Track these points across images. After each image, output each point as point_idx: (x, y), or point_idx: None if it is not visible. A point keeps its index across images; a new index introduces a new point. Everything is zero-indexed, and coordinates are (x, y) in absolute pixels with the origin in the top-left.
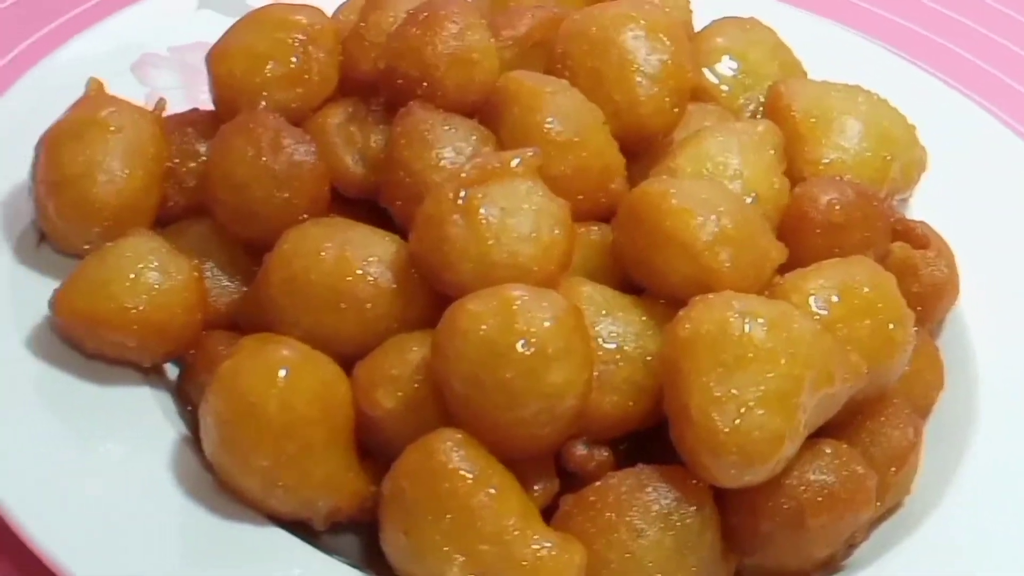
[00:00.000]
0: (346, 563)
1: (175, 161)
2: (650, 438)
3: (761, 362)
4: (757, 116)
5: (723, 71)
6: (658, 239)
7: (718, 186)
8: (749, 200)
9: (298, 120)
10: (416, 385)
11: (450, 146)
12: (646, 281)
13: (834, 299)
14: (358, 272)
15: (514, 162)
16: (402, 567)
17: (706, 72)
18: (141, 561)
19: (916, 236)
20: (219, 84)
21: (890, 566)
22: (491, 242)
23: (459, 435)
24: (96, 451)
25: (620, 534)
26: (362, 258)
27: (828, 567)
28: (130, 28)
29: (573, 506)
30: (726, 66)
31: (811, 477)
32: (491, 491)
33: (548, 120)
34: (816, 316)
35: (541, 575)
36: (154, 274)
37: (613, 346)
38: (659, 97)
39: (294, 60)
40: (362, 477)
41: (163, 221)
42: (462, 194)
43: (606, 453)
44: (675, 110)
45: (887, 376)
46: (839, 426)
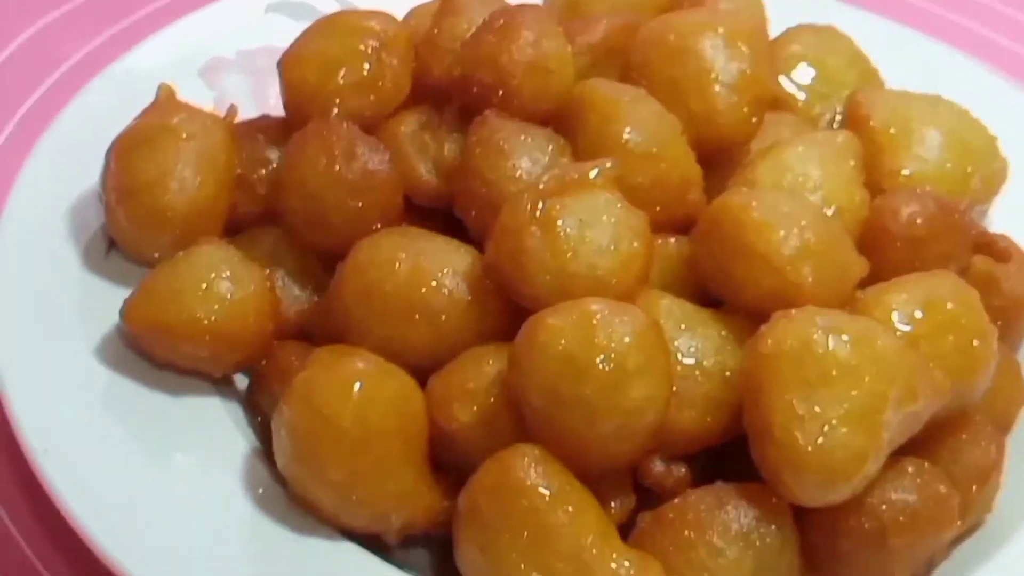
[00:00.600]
0: None
1: (246, 168)
2: (728, 454)
3: (845, 379)
4: (834, 126)
5: (800, 79)
6: (739, 252)
7: (799, 198)
8: (830, 212)
9: (370, 128)
10: (492, 399)
11: (526, 156)
12: (725, 294)
13: (917, 314)
14: (432, 283)
15: (592, 173)
16: None
17: (782, 80)
18: (211, 572)
19: (997, 249)
20: (291, 91)
21: None
22: (569, 255)
23: (537, 451)
24: (166, 462)
25: (699, 553)
26: (437, 269)
27: None
28: (198, 31)
29: (651, 524)
30: (803, 74)
31: (893, 496)
32: (569, 508)
33: (626, 130)
34: (899, 332)
35: None
36: (226, 283)
37: (692, 361)
38: (738, 107)
39: (367, 67)
40: (436, 491)
41: (233, 229)
42: (540, 206)
43: (684, 470)
44: (753, 120)
45: (970, 393)
46: (919, 443)
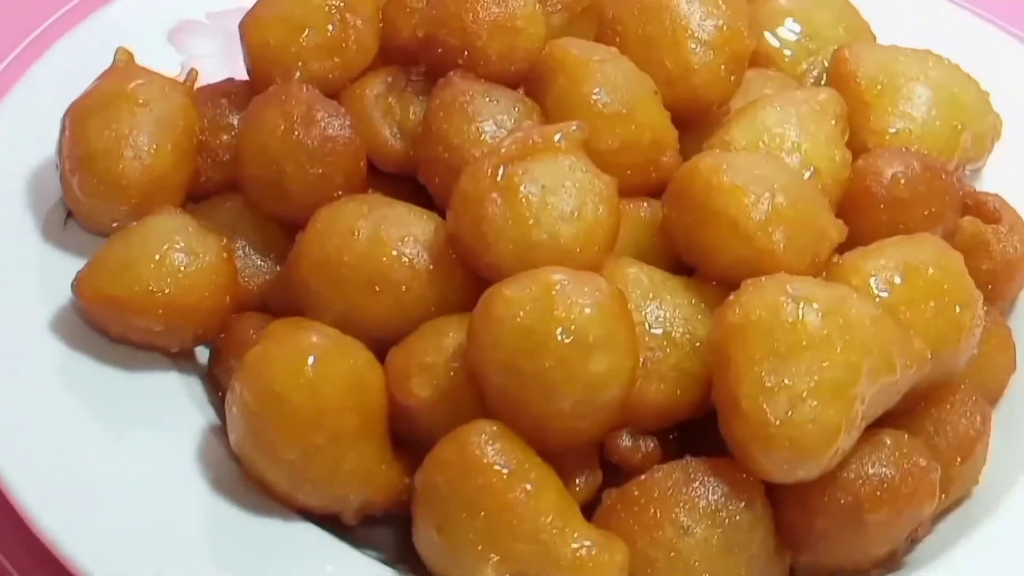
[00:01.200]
0: (380, 559)
1: (208, 135)
2: (701, 429)
3: (815, 350)
4: (821, 83)
5: (786, 35)
6: (708, 218)
7: (774, 160)
8: (807, 175)
9: (335, 92)
10: (452, 373)
11: (491, 119)
12: (696, 262)
13: (896, 280)
14: (393, 253)
15: (557, 136)
16: (435, 565)
17: (767, 36)
18: (161, 556)
19: (987, 210)
20: (253, 54)
21: (955, 561)
22: (531, 222)
23: (495, 427)
24: (119, 439)
25: (665, 531)
26: (398, 238)
27: (888, 564)
28: None
29: (616, 501)
30: (789, 29)
31: (869, 470)
32: (528, 487)
33: (595, 91)
34: (877, 299)
35: (580, 575)
36: (180, 255)
37: (660, 331)
38: (714, 64)
39: (331, 28)
40: (395, 469)
41: (196, 197)
42: (501, 171)
43: (652, 444)
44: (731, 78)
45: (953, 362)
46: (900, 414)
